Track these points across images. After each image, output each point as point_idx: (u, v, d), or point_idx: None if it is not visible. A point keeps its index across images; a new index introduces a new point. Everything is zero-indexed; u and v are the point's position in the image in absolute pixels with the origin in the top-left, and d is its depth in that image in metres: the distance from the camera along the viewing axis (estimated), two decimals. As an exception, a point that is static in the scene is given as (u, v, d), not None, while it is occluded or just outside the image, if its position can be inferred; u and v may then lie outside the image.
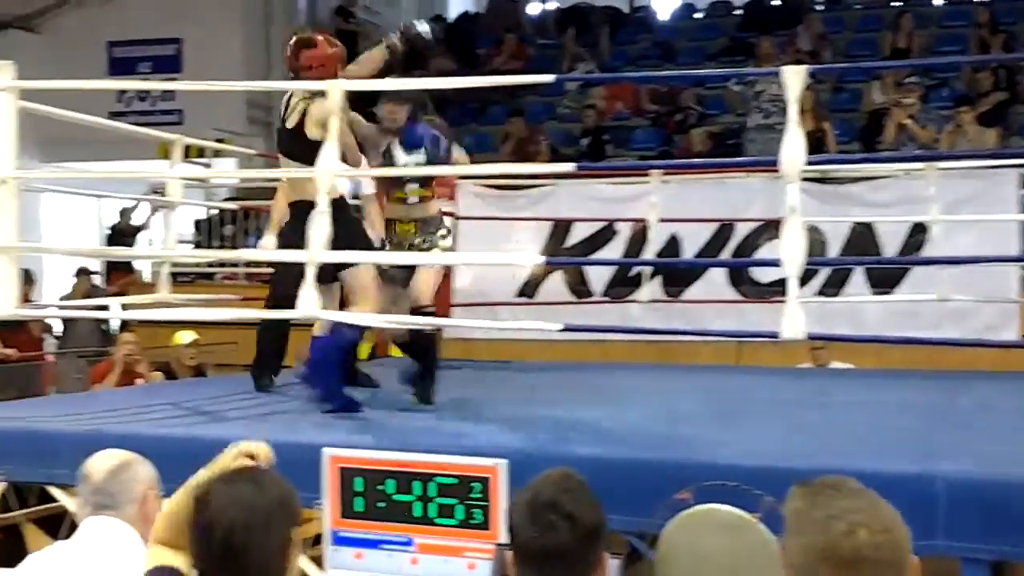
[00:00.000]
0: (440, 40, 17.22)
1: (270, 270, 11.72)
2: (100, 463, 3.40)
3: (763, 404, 6.00)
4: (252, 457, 2.67)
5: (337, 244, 5.22)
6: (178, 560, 2.70)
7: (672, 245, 9.55)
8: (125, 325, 9.23)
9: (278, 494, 2.51)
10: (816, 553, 2.09)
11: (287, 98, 5.80)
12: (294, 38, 5.85)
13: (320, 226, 5.11)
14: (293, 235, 5.57)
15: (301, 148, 5.56)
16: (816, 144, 10.76)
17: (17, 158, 5.37)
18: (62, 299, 12.36)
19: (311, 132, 5.52)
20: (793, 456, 4.39)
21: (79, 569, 3.21)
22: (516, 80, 6.19)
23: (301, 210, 5.47)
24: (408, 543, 3.88)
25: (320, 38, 5.86)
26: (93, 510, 3.34)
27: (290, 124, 5.69)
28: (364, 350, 9.73)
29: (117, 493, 3.32)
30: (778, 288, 5.32)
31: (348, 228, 5.59)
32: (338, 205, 5.51)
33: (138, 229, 13.59)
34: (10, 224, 5.33)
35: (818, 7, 16.70)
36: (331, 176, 5.15)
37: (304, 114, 5.60)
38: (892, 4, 16.30)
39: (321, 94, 5.35)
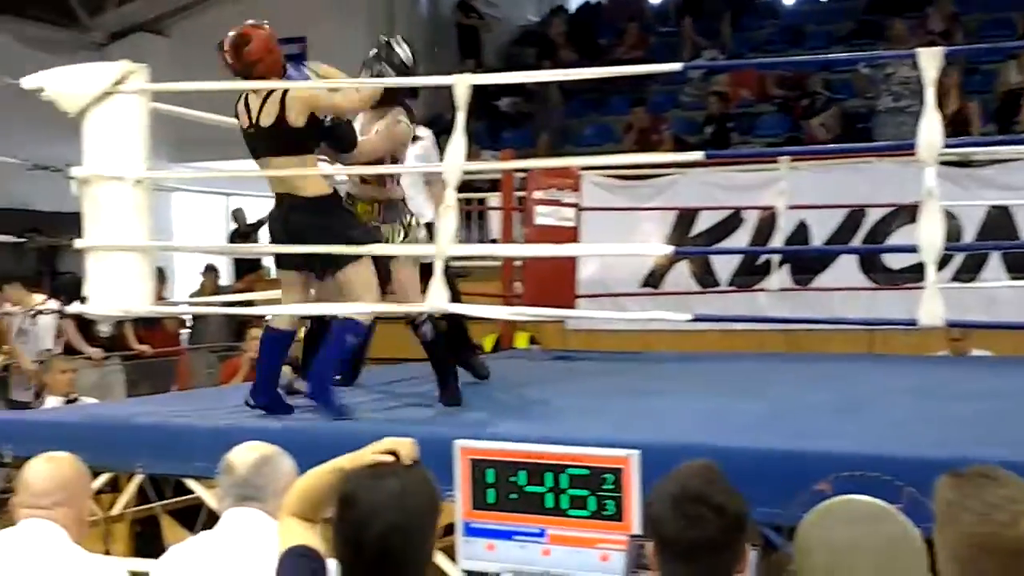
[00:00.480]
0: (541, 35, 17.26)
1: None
2: (244, 455, 3.43)
3: (899, 393, 5.86)
4: (395, 454, 2.64)
5: (334, 238, 5.22)
6: (309, 536, 2.70)
7: (801, 232, 9.40)
8: (249, 322, 9.39)
9: (428, 493, 2.52)
10: (976, 544, 2.03)
11: (245, 103, 5.45)
12: (224, 45, 5.45)
13: (447, 221, 5.11)
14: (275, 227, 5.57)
15: (287, 141, 5.37)
16: (959, 125, 10.52)
17: (149, 159, 5.48)
18: (191, 296, 12.60)
19: (296, 121, 5.32)
20: (934, 445, 4.28)
21: (222, 560, 3.25)
22: (643, 70, 6.12)
23: (285, 204, 5.44)
24: (540, 534, 3.85)
25: (246, 30, 5.47)
26: (235, 501, 3.38)
27: (266, 123, 5.36)
28: (489, 342, 9.74)
29: (261, 486, 3.36)
30: (910, 274, 5.20)
31: (345, 222, 5.53)
32: (333, 200, 5.51)
33: (256, 226, 13.79)
34: (144, 223, 5.44)
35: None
36: (457, 169, 5.14)
37: (283, 107, 5.32)
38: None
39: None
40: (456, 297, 5.90)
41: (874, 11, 15.34)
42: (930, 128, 4.56)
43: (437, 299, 5.08)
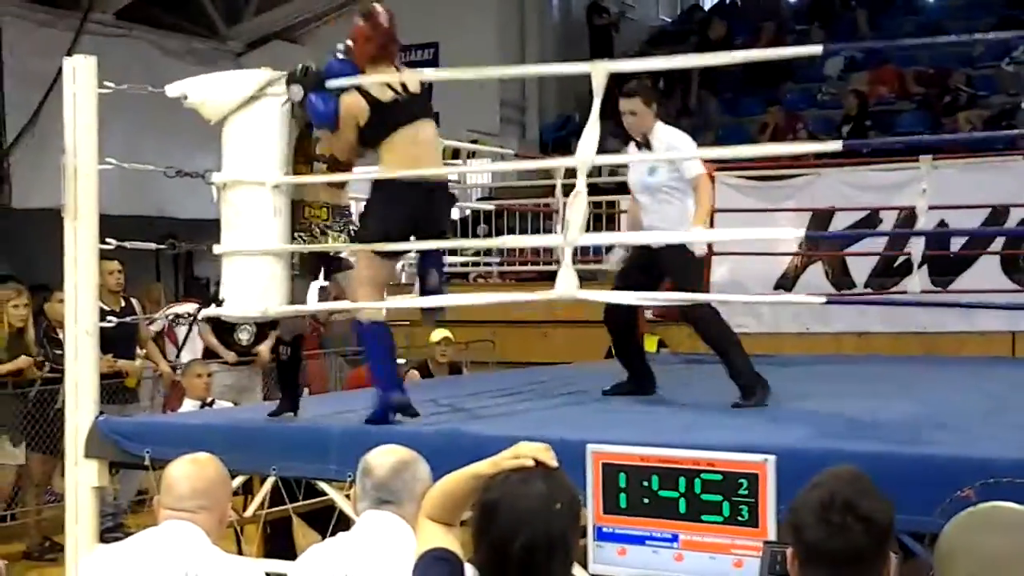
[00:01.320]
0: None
1: (524, 268, 11.90)
2: (383, 458, 3.45)
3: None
4: (535, 460, 2.61)
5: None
6: (448, 540, 2.71)
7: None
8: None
9: (572, 499, 2.51)
10: None
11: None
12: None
13: (577, 208, 5.00)
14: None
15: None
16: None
17: (286, 164, 5.56)
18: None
19: None
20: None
21: (359, 561, 3.28)
22: (782, 53, 6.00)
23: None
24: (673, 539, 3.82)
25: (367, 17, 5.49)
26: (373, 504, 3.40)
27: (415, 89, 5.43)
28: (651, 343, 9.63)
29: (399, 490, 3.37)
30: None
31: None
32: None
33: None
34: (281, 227, 5.52)
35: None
36: (590, 161, 5.03)
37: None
38: None
39: None
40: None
41: (1016, 6, 14.93)
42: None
43: (566, 287, 4.96)
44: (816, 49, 5.86)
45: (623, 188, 10.81)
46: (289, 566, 3.60)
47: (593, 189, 6.85)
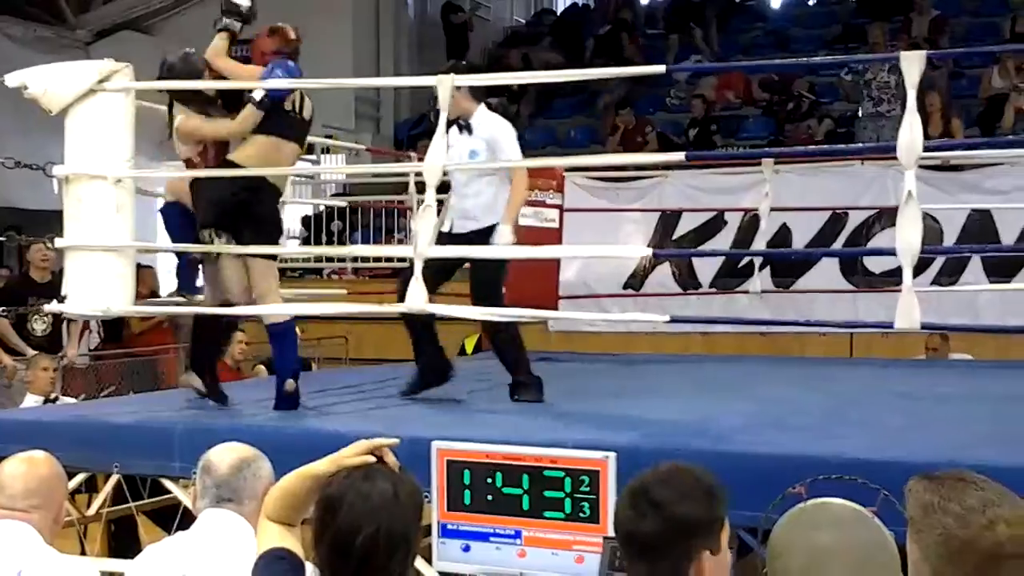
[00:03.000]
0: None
1: (378, 264, 11.85)
2: (223, 456, 3.41)
3: (878, 397, 5.89)
4: (377, 456, 2.61)
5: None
6: (288, 540, 2.70)
7: (783, 235, 9.42)
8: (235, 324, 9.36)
9: (415, 496, 2.52)
10: (955, 547, 2.03)
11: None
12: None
13: (427, 221, 5.10)
14: None
15: None
16: (944, 130, 10.59)
17: (132, 158, 5.46)
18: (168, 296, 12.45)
19: None
20: (910, 449, 4.30)
21: (197, 560, 3.24)
22: (627, 72, 6.14)
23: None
24: (516, 536, 3.86)
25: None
26: (213, 502, 3.36)
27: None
28: (470, 343, 9.74)
29: (240, 488, 3.34)
30: (891, 278, 5.21)
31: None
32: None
33: None
34: (125, 223, 5.42)
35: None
36: (437, 171, 5.13)
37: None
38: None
39: None
40: None
41: (861, 15, 15.38)
42: (910, 132, 4.56)
43: (416, 299, 5.06)
44: (659, 68, 6.03)
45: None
46: (126, 565, 3.54)
47: (443, 187, 6.89)
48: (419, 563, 4.31)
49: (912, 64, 4.63)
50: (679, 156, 5.90)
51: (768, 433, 4.88)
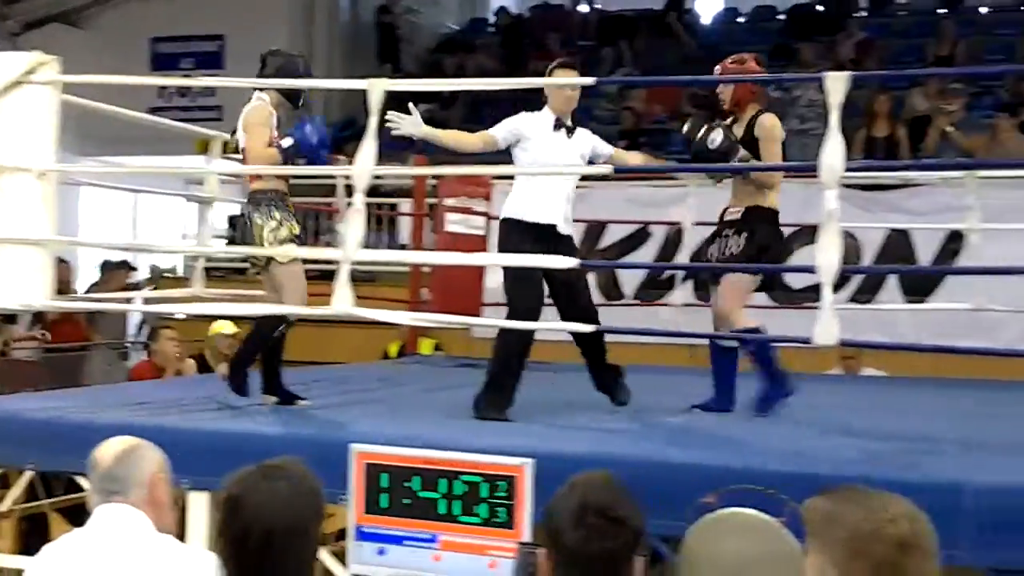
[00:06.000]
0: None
1: (307, 266, 11.76)
2: (106, 450, 3.39)
3: (792, 409, 5.97)
4: None
5: None
6: None
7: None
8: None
9: (314, 495, 2.57)
10: (860, 542, 2.09)
11: None
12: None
13: (355, 225, 5.13)
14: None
15: None
16: (890, 149, 10.77)
17: (56, 152, 5.42)
18: (88, 291, 12.31)
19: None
20: (820, 462, 4.37)
21: (91, 557, 3.23)
22: (556, 82, 6.19)
23: None
24: (432, 540, 3.89)
25: None
26: (102, 497, 3.35)
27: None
28: (394, 347, 9.76)
29: (123, 478, 3.31)
30: (810, 294, 5.29)
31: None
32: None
33: None
34: (48, 217, 5.38)
35: (862, 13, 16.59)
36: (367, 175, 5.17)
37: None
38: (937, 11, 16.17)
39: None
40: None
41: (790, 34, 15.59)
42: (832, 151, 4.65)
43: (342, 303, 5.08)
44: (589, 80, 6.10)
45: (403, 192, 10.92)
46: (27, 563, 3.52)
47: (373, 191, 6.92)
48: (335, 566, 4.33)
49: (836, 85, 4.73)
50: (606, 169, 5.96)
51: (681, 441, 4.97)
